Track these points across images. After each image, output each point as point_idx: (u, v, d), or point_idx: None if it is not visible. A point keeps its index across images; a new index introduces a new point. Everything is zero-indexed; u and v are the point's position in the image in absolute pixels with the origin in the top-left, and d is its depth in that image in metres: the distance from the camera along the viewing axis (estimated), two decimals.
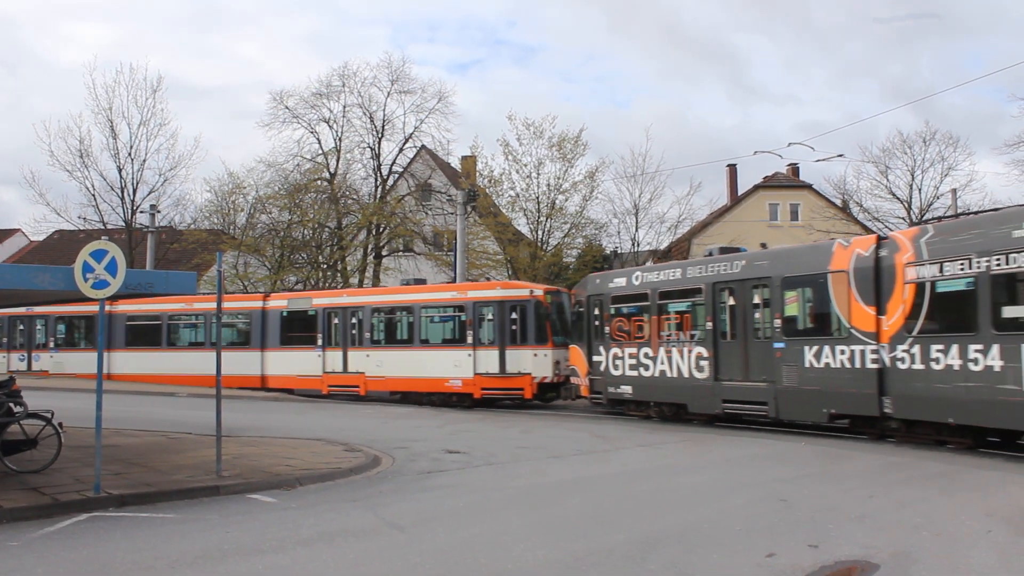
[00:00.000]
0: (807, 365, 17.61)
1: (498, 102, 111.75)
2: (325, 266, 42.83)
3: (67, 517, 9.77)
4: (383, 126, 42.00)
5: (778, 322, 18.37)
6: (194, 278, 14.20)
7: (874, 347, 16.25)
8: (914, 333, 15.41)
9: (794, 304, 18.37)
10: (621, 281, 22.75)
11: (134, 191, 42.42)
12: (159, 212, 41.04)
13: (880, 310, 16.16)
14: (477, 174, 40.93)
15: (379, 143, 42.30)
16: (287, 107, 41.61)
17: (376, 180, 42.67)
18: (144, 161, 42.23)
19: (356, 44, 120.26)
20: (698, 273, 20.50)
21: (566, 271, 43.36)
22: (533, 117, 47.72)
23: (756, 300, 19.15)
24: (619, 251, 43.55)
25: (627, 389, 22.11)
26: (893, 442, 16.33)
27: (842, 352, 16.92)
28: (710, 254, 21.13)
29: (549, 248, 40.05)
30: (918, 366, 15.26)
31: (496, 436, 18.85)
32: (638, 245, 42.62)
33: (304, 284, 42.18)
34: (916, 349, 15.33)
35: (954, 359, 14.50)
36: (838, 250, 17.35)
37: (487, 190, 39.85)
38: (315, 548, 8.39)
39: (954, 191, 36.39)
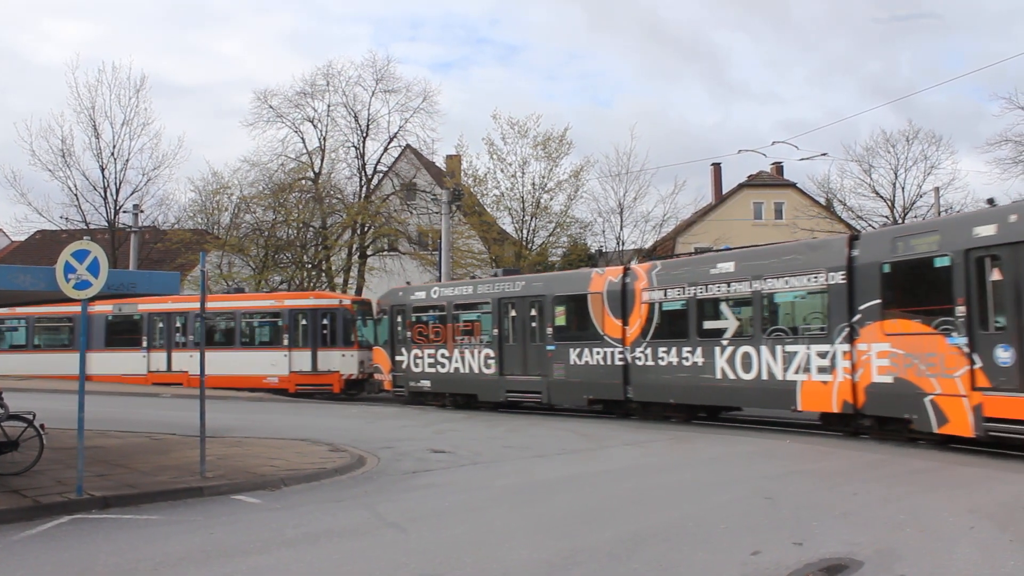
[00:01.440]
0: (572, 363, 22.46)
1: (481, 101, 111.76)
2: (310, 266, 42.71)
3: (49, 519, 9.69)
4: (368, 125, 41.96)
5: (550, 330, 23.18)
6: (178, 278, 14.12)
7: (621, 349, 21.27)
8: (648, 339, 20.68)
9: (562, 316, 23.32)
10: (422, 295, 27.27)
11: (117, 191, 42.16)
12: (142, 212, 40.83)
13: (625, 322, 21.20)
14: (462, 173, 40.91)
15: (364, 142, 42.28)
16: (271, 106, 41.51)
17: (361, 179, 42.60)
18: (127, 161, 41.96)
19: (337, 42, 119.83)
20: (487, 290, 25.21)
21: (551, 270, 43.39)
22: (518, 116, 47.72)
23: (533, 312, 23.72)
24: (604, 250, 43.61)
25: (426, 383, 26.45)
26: (873, 440, 16.43)
27: (598, 353, 21.82)
28: (495, 274, 26.57)
29: (534, 247, 40.07)
30: (650, 363, 20.55)
31: (482, 436, 18.84)
32: (623, 244, 42.70)
33: (288, 284, 42.05)
34: (649, 351, 20.59)
35: (674, 357, 20.02)
36: (595, 276, 22.44)
37: (472, 189, 39.85)
38: (300, 549, 8.35)
39: (937, 189, 36.61)
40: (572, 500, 11.06)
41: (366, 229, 41.69)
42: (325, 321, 30.52)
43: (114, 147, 41.55)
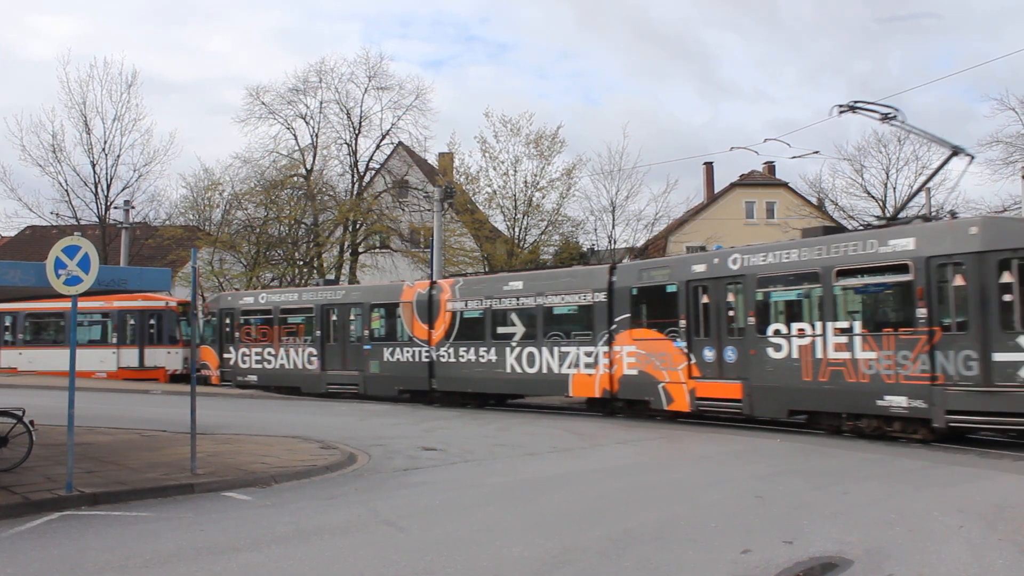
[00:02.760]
0: (385, 360, 26.90)
1: (472, 99, 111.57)
2: (301, 263, 42.64)
3: (38, 516, 9.66)
4: (360, 122, 41.88)
5: (367, 332, 27.63)
6: (168, 275, 14.09)
7: (427, 349, 25.80)
8: (451, 340, 25.17)
9: (378, 320, 27.79)
10: (250, 300, 31.27)
11: (108, 187, 42.00)
12: (133, 208, 40.69)
13: (431, 326, 25.70)
14: (454, 171, 40.87)
15: (356, 139, 42.20)
16: (263, 103, 41.39)
17: (353, 177, 42.52)
18: (118, 156, 41.80)
19: (327, 40, 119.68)
20: (311, 297, 29.04)
21: (543, 267, 43.36)
22: (510, 114, 47.73)
23: (352, 317, 28.00)
24: (596, 248, 43.64)
25: (253, 377, 30.03)
26: (863, 439, 16.48)
27: (408, 351, 26.34)
28: (317, 283, 30.39)
29: (526, 245, 40.06)
30: (452, 360, 25.13)
31: (473, 433, 18.83)
32: (615, 243, 42.70)
33: (280, 281, 41.98)
34: (451, 350, 25.15)
35: (472, 356, 24.67)
36: (406, 288, 26.97)
37: (464, 187, 39.81)
38: (290, 546, 8.34)
39: (928, 190, 36.69)
40: (563, 498, 11.07)
41: (358, 226, 41.64)
42: (152, 321, 34.31)
43: (105, 143, 41.43)
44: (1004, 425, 15.00)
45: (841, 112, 19.31)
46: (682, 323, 19.96)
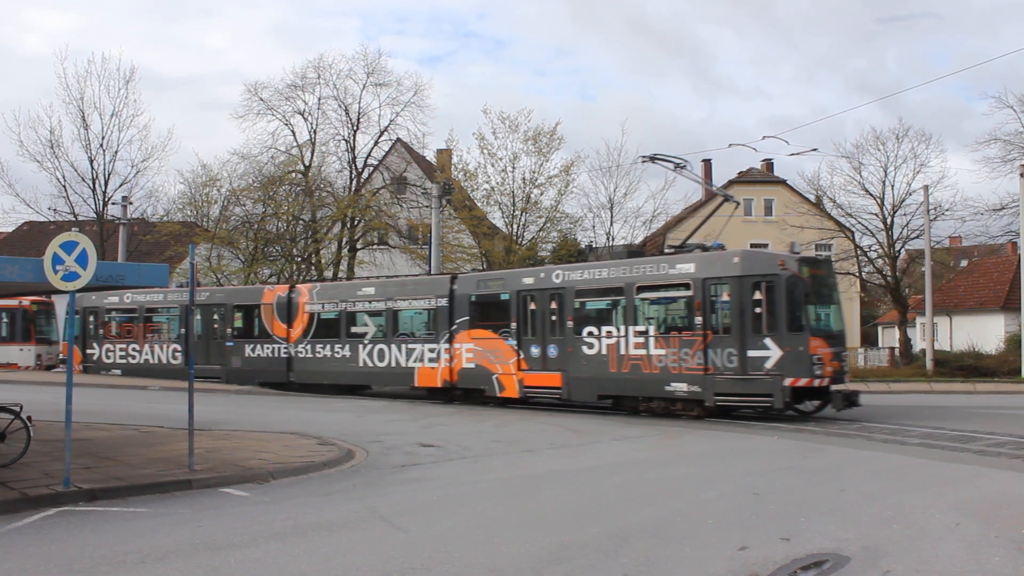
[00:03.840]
0: (247, 355, 29.83)
1: (469, 96, 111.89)
2: (299, 259, 42.62)
3: (35, 512, 9.65)
4: (358, 119, 41.90)
5: (230, 330, 30.47)
6: (166, 270, 14.06)
7: (286, 345, 28.88)
8: (308, 338, 28.23)
9: (240, 320, 30.68)
10: (115, 299, 32.41)
11: (106, 182, 42.03)
12: (131, 204, 40.64)
13: (290, 325, 28.76)
14: (452, 168, 40.84)
15: (354, 136, 42.22)
16: (261, 99, 41.40)
17: (351, 173, 42.53)
18: (116, 152, 41.86)
19: (325, 36, 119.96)
20: (176, 298, 31.10)
21: (542, 264, 43.34)
22: (508, 111, 47.68)
23: (216, 316, 30.66)
24: (593, 245, 43.64)
25: (117, 372, 32.22)
26: (860, 437, 16.50)
27: (268, 348, 29.35)
28: (180, 286, 30.97)
29: (524, 242, 40.06)
30: (309, 355, 28.30)
31: (471, 430, 18.85)
32: (612, 239, 42.70)
33: (278, 277, 41.97)
34: (309, 347, 28.29)
35: (328, 352, 27.91)
36: (267, 291, 29.99)
37: (462, 184, 39.80)
38: (288, 542, 8.34)
39: (926, 188, 36.72)
40: (561, 495, 11.07)
41: (356, 222, 41.61)
42: (5, 319, 36.76)
43: (103, 138, 41.46)
44: (754, 403, 20.10)
45: (644, 162, 25.09)
46: (513, 325, 23.96)
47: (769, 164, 50.20)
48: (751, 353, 19.62)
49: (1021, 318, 33.69)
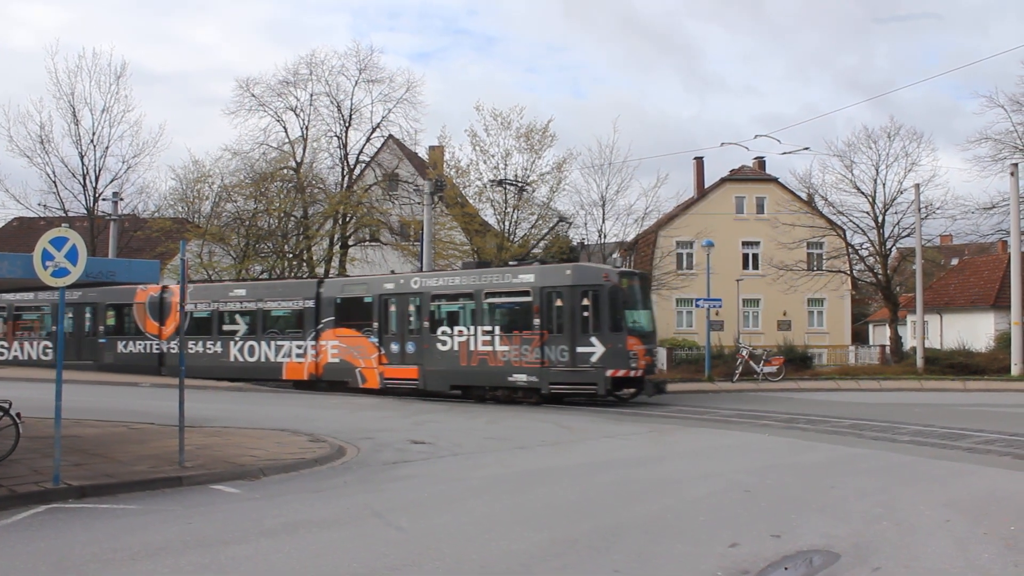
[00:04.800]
0: (119, 351, 32.15)
1: (461, 92, 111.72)
2: (291, 255, 42.50)
3: (25, 509, 9.61)
4: (350, 115, 41.70)
5: (103, 327, 32.62)
6: (157, 267, 14.03)
7: (158, 342, 31.30)
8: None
9: (112, 318, 32.81)
10: None
11: (96, 178, 41.70)
12: (122, 200, 40.44)
13: (162, 323, 31.13)
14: (444, 164, 40.77)
15: (346, 132, 42.01)
16: (253, 95, 41.13)
17: (343, 169, 42.37)
18: (107, 148, 41.50)
19: (315, 32, 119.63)
20: (47, 297, 32.00)
21: (534, 258, 43.26)
22: (501, 108, 47.55)
23: (88, 314, 32.86)
24: (586, 242, 43.62)
25: None
26: (851, 434, 16.54)
27: (140, 344, 31.78)
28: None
29: (516, 239, 40.03)
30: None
31: (462, 427, 18.85)
32: (604, 237, 42.69)
33: (269, 274, 41.84)
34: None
35: (201, 348, 30.21)
36: (139, 291, 31.38)
37: (454, 180, 39.73)
38: (279, 539, 8.33)
39: (917, 186, 36.81)
40: (552, 492, 11.08)
41: (348, 219, 41.52)
42: None
43: (94, 134, 41.11)
44: (581, 390, 24.00)
45: (494, 185, 30.84)
46: (375, 324, 27.29)
47: (761, 162, 50.23)
48: (580, 349, 23.48)
49: (1011, 316, 33.81)
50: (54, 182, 41.42)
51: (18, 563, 7.50)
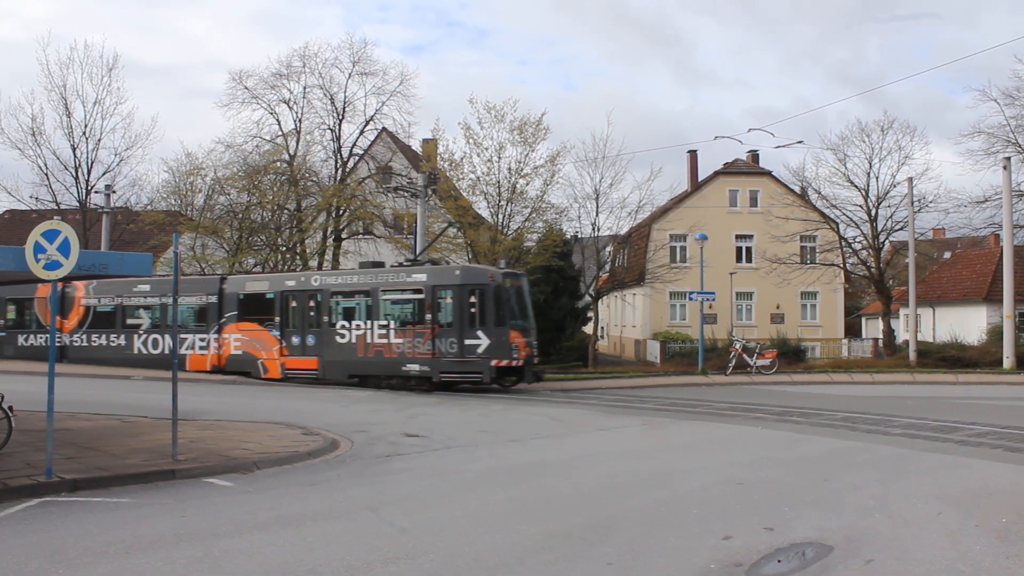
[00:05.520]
0: (20, 344, 33.63)
1: (453, 85, 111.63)
2: (284, 248, 42.41)
3: (17, 502, 9.60)
4: (344, 108, 41.59)
5: (2, 321, 34.10)
6: (150, 259, 14.00)
7: (59, 336, 31.29)
8: (84, 328, 32.11)
9: (13, 312, 34.20)
10: None
11: (89, 171, 41.60)
12: (114, 192, 40.33)
13: (64, 318, 32.35)
14: (438, 157, 40.68)
15: (340, 125, 41.89)
16: (246, 87, 40.98)
17: (336, 162, 42.27)
18: (99, 140, 41.40)
19: (307, 24, 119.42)
20: None
21: (526, 255, 43.30)
22: (494, 101, 47.52)
23: None
24: (579, 235, 43.60)
25: None
26: (844, 427, 16.57)
27: (41, 337, 33.11)
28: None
29: (510, 232, 39.99)
30: (85, 344, 32.11)
31: (455, 420, 18.85)
32: (598, 230, 42.69)
33: (263, 267, 41.76)
34: (84, 336, 32.18)
35: (105, 340, 31.87)
36: (41, 287, 31.22)
37: (448, 173, 39.65)
38: (272, 532, 8.32)
39: (910, 180, 36.87)
40: (545, 485, 11.09)
41: (341, 212, 41.44)
42: None
43: (86, 126, 41.02)
44: (469, 379, 26.23)
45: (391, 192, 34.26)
46: (277, 319, 29.16)
47: (755, 155, 50.26)
48: (467, 342, 25.91)
49: (1003, 310, 33.92)
50: (46, 174, 41.35)
51: (10, 557, 7.48)
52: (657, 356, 42.95)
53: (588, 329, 46.40)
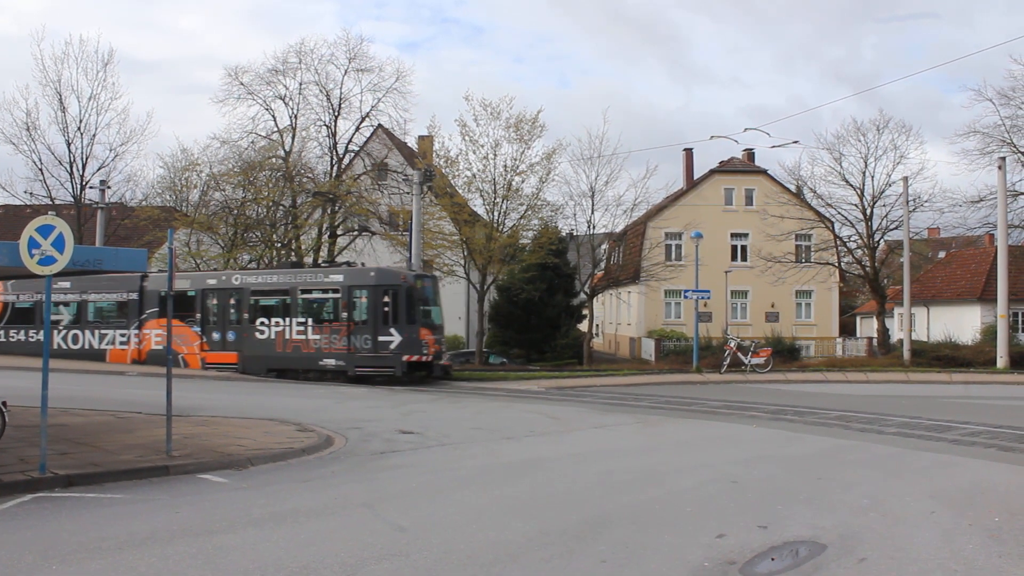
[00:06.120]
0: None
1: (448, 82, 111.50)
2: (279, 244, 42.35)
3: (11, 498, 9.57)
4: (340, 104, 41.52)
5: None
6: (144, 255, 13.95)
7: None
8: (2, 323, 33.55)
9: None
10: None
11: (83, 166, 41.52)
12: (109, 188, 40.23)
13: None
14: (434, 154, 40.66)
15: (335, 121, 41.83)
16: (242, 83, 40.90)
17: (332, 159, 42.22)
18: (94, 135, 41.33)
19: (301, 20, 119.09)
20: None
21: (522, 252, 43.33)
22: (490, 98, 47.51)
23: None
24: (575, 233, 43.64)
25: None
26: (838, 426, 16.62)
27: None
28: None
29: (505, 229, 40.00)
30: (3, 340, 33.39)
31: (450, 417, 18.85)
32: (594, 228, 42.72)
33: (258, 263, 41.69)
34: (2, 332, 33.56)
35: (23, 336, 33.17)
36: None
37: (443, 170, 39.64)
38: (266, 528, 8.32)
39: (905, 179, 36.93)
40: (540, 482, 11.09)
41: (336, 209, 41.38)
42: None
43: (81, 122, 40.94)
44: (382, 372, 27.88)
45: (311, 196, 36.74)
46: (198, 315, 30.69)
47: (750, 154, 50.32)
48: (381, 338, 28.07)
49: (997, 309, 34.00)
50: (40, 170, 41.26)
51: (4, 552, 7.47)
52: (652, 354, 43.01)
53: (583, 327, 46.46)
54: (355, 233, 41.75)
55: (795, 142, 38.88)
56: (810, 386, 28.67)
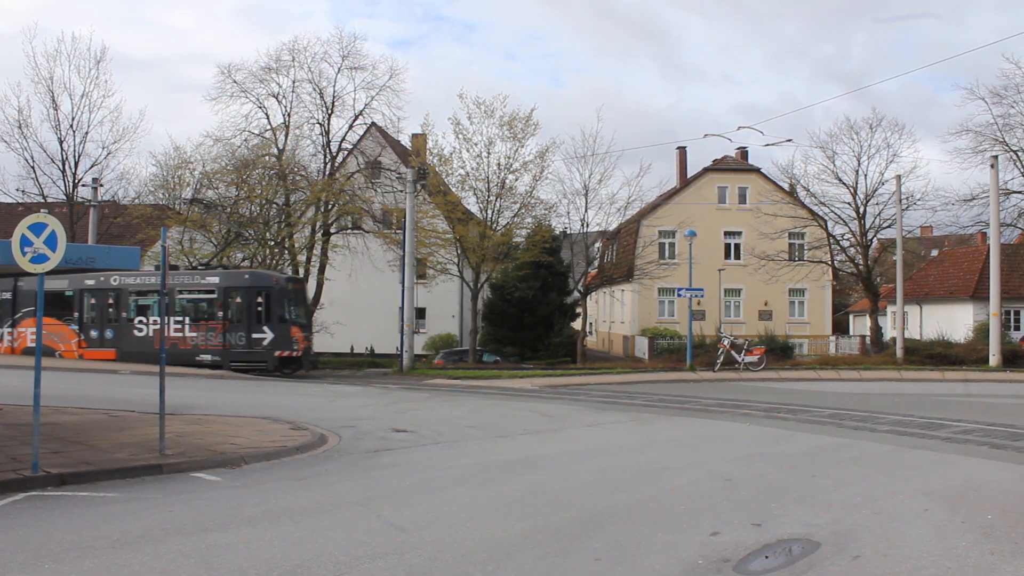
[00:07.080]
0: None
1: (441, 80, 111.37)
2: (272, 243, 42.28)
3: (3, 497, 9.53)
4: (333, 102, 41.49)
5: None
6: (138, 253, 13.91)
7: None
8: None
9: None
10: None
11: (76, 164, 41.36)
12: (102, 186, 40.11)
13: None
14: (427, 152, 40.64)
15: (329, 120, 41.80)
16: (235, 81, 40.83)
17: (325, 157, 42.17)
18: (87, 133, 41.17)
19: (293, 18, 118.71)
20: None
21: (515, 251, 43.33)
22: (484, 96, 47.48)
23: None
24: (568, 231, 43.65)
25: None
26: (832, 424, 16.66)
27: None
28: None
29: (499, 228, 40.00)
30: None
31: (444, 415, 18.84)
32: (587, 226, 42.74)
33: (251, 261, 41.61)
34: None
35: None
36: None
37: (437, 168, 39.63)
38: (260, 527, 8.30)
39: (898, 177, 37.01)
40: (534, 480, 11.09)
41: (330, 207, 41.33)
42: None
43: (73, 119, 40.80)
44: (256, 367, 30.43)
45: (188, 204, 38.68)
46: (76, 314, 32.44)
47: (744, 152, 50.39)
48: (254, 335, 30.71)
49: (989, 308, 34.10)
50: (32, 167, 41.10)
51: None
52: (645, 352, 43.07)
53: (577, 325, 46.48)
54: (349, 231, 41.72)
55: (788, 140, 38.97)
56: (803, 384, 28.72)
